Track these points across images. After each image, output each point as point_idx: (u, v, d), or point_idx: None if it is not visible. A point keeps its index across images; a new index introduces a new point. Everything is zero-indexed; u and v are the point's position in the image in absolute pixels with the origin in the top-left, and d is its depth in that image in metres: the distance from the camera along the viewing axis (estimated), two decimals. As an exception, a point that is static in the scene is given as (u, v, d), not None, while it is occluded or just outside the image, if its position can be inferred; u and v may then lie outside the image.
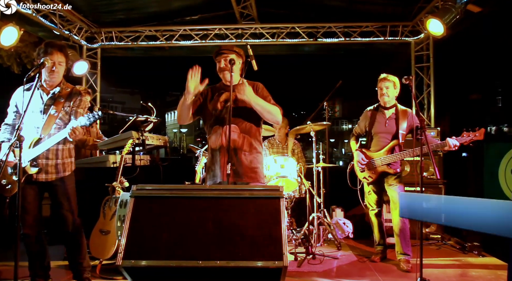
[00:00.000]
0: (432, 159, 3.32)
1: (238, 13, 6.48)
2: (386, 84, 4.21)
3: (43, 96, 3.26)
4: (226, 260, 2.06)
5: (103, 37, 7.13)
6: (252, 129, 3.17)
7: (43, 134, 3.17)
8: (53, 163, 3.25)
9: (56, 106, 3.22)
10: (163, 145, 4.77)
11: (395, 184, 4.17)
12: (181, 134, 48.07)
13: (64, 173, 3.31)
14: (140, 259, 2.08)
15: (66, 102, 3.26)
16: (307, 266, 4.15)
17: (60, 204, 3.29)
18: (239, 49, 3.24)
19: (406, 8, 6.36)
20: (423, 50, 6.76)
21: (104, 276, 3.74)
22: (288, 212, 5.16)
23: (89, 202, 3.62)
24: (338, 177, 6.54)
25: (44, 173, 3.21)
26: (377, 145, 4.26)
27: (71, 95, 3.30)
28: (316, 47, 7.51)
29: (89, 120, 3.00)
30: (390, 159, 4.12)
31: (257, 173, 3.14)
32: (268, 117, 3.12)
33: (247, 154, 3.10)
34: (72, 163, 3.41)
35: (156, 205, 2.26)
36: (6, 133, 3.32)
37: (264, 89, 3.23)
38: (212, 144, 3.15)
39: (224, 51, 3.16)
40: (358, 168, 4.37)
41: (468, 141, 3.73)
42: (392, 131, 4.20)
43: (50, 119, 3.19)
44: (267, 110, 3.07)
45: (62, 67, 3.27)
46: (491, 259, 4.43)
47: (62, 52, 3.21)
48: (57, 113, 3.21)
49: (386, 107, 4.27)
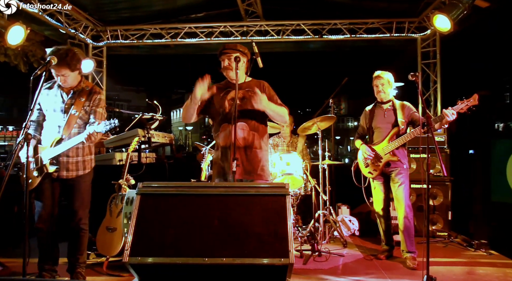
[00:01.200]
0: (438, 156, 3.29)
1: (243, 11, 6.47)
2: (381, 81, 4.26)
3: (63, 96, 3.33)
4: (232, 257, 2.06)
5: (108, 36, 7.15)
6: (260, 127, 3.21)
7: (64, 134, 3.24)
8: (73, 160, 3.33)
9: (76, 105, 3.28)
10: (168, 142, 4.79)
11: (400, 182, 4.15)
12: (187, 132, 48.18)
13: (84, 170, 3.39)
14: (146, 256, 2.08)
15: (86, 102, 3.32)
16: (313, 263, 4.14)
17: (74, 200, 3.37)
18: (243, 47, 3.24)
19: (412, 4, 6.31)
20: (430, 46, 6.71)
21: (111, 272, 3.76)
22: (294, 209, 5.15)
23: (96, 199, 3.64)
24: (343, 174, 6.53)
25: (65, 170, 3.30)
26: (379, 137, 4.28)
27: (91, 94, 3.36)
28: (322, 44, 7.47)
29: (105, 128, 3.03)
30: (392, 146, 4.13)
31: (265, 170, 3.18)
32: (277, 119, 3.21)
33: (258, 151, 3.14)
34: (92, 160, 3.49)
35: (162, 203, 2.27)
36: (30, 130, 3.37)
37: (270, 88, 3.25)
38: (221, 142, 3.16)
39: (227, 51, 3.16)
40: (362, 164, 4.38)
41: (464, 108, 3.66)
42: (391, 121, 4.23)
43: (71, 119, 3.26)
44: (278, 113, 3.14)
45: (68, 77, 3.25)
46: (499, 256, 4.40)
47: (60, 66, 3.16)
48: (78, 113, 3.28)
49: (383, 102, 4.33)
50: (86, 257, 3.57)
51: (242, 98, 3.14)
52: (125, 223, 3.72)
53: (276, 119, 3.23)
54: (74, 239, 3.44)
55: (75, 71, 3.29)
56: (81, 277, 3.42)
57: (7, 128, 36.75)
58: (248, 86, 3.20)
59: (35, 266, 3.37)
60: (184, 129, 49.20)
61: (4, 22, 4.84)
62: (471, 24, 6.03)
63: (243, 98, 3.14)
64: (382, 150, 4.20)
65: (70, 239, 3.46)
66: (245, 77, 3.26)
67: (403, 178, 4.16)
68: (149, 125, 4.44)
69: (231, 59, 3.10)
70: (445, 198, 5.25)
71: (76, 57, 3.25)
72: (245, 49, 3.24)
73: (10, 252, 4.21)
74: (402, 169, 4.17)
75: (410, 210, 4.18)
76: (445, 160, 5.30)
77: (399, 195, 4.16)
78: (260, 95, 3.00)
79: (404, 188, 4.16)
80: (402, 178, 4.16)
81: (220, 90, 3.26)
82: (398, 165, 4.17)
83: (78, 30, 6.65)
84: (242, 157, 3.07)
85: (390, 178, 4.23)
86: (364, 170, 4.39)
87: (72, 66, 3.23)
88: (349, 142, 50.01)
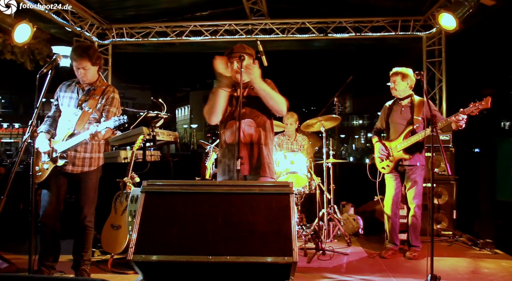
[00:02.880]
0: (443, 155, 3.29)
1: (248, 9, 6.46)
2: (394, 78, 4.31)
3: (79, 92, 3.42)
4: (236, 255, 2.07)
5: (114, 34, 7.17)
6: (267, 124, 3.21)
7: (76, 129, 3.29)
8: (81, 156, 3.38)
9: (90, 102, 3.35)
10: (173, 140, 4.80)
11: (412, 180, 4.18)
12: (192, 130, 48.26)
13: (90, 167, 3.43)
14: (151, 253, 2.10)
15: (100, 100, 3.39)
16: (317, 262, 4.15)
17: (80, 197, 3.42)
18: (250, 50, 3.24)
19: (417, 2, 6.27)
20: (435, 44, 6.67)
21: (116, 270, 3.79)
22: (298, 207, 5.16)
23: (101, 197, 3.67)
24: (348, 172, 6.53)
25: (71, 165, 3.34)
26: (395, 133, 4.32)
27: (104, 93, 3.42)
28: (327, 42, 7.44)
29: (114, 123, 3.07)
30: (405, 144, 4.14)
31: (271, 168, 3.19)
32: (271, 104, 3.09)
33: (264, 147, 3.15)
34: (100, 158, 3.53)
35: (167, 201, 2.28)
36: (45, 125, 3.49)
37: (273, 84, 3.23)
38: (228, 139, 3.16)
39: (235, 54, 3.15)
40: (378, 158, 4.41)
41: (475, 110, 3.64)
42: (407, 117, 4.25)
43: (84, 115, 3.32)
44: (271, 96, 3.06)
45: (89, 70, 3.35)
46: (504, 256, 4.38)
47: (82, 57, 3.29)
48: (91, 110, 3.34)
49: (401, 98, 4.35)
50: (91, 255, 3.61)
51: (248, 96, 3.15)
52: (129, 221, 3.74)
53: (270, 104, 3.10)
54: (79, 237, 3.48)
55: (95, 66, 3.39)
56: (86, 274, 3.45)
57: (13, 125, 36.96)
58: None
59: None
60: (189, 127, 49.28)
61: (11, 20, 4.87)
62: (477, 23, 5.98)
63: (248, 96, 3.15)
64: (396, 147, 4.22)
65: (76, 236, 3.50)
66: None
67: (416, 176, 4.18)
68: (154, 123, 4.44)
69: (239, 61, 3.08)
70: (450, 197, 5.24)
71: (97, 53, 3.40)
72: (252, 51, 3.25)
73: (16, 249, 4.24)
74: (416, 167, 4.18)
75: (419, 209, 4.22)
76: (450, 158, 5.28)
77: (410, 193, 4.23)
78: (255, 67, 3.00)
79: (416, 188, 4.19)
80: (415, 176, 4.18)
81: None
82: (412, 163, 4.19)
83: (84, 28, 6.68)
84: (249, 153, 3.09)
85: (405, 175, 4.26)
86: (379, 164, 4.43)
87: (93, 60, 3.34)
88: (354, 140, 49.89)
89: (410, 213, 4.27)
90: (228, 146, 3.17)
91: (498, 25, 7.56)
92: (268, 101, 3.09)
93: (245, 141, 3.08)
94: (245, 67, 3.01)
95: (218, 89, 3.10)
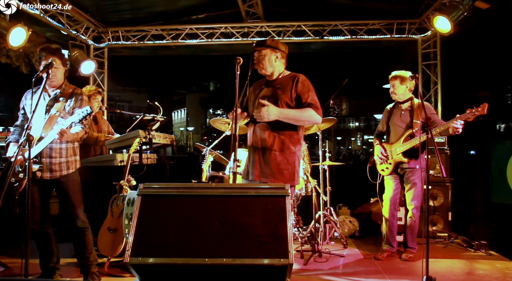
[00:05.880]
0: (438, 157, 3.31)
1: (244, 12, 6.48)
2: (392, 82, 4.34)
3: (46, 98, 3.37)
4: (232, 257, 2.08)
5: (109, 37, 7.17)
6: (286, 128, 3.03)
7: (44, 132, 3.24)
8: (56, 161, 3.34)
9: (57, 106, 3.31)
10: (170, 143, 4.79)
11: (411, 183, 4.20)
12: (188, 133, 48.21)
13: (68, 170, 3.40)
14: (147, 256, 2.10)
15: (67, 102, 3.35)
16: (313, 264, 4.15)
17: (66, 200, 3.42)
18: (275, 42, 3.13)
19: (412, 5, 6.31)
20: (430, 47, 6.71)
21: (112, 273, 3.78)
22: (295, 210, 5.16)
23: (97, 200, 3.66)
24: (344, 175, 6.54)
25: (48, 171, 3.31)
26: (395, 136, 4.35)
27: (72, 95, 3.39)
28: (323, 45, 7.48)
29: (79, 116, 3.06)
30: (404, 147, 4.17)
31: (284, 175, 3.00)
32: (304, 124, 3.09)
33: (277, 153, 3.01)
34: (76, 161, 3.51)
35: (163, 203, 2.29)
36: (15, 134, 3.46)
37: (304, 82, 3.07)
38: (248, 141, 3.16)
39: (256, 48, 3.10)
40: (378, 160, 4.44)
41: (471, 117, 3.66)
42: (406, 121, 4.28)
43: (51, 119, 3.27)
44: (297, 119, 2.98)
45: (59, 69, 3.33)
46: (499, 257, 4.40)
47: (54, 55, 3.27)
48: (58, 113, 3.29)
49: (401, 102, 4.38)
50: (96, 256, 3.60)
51: (270, 96, 3.04)
52: (126, 224, 3.74)
53: (304, 124, 3.06)
54: (78, 239, 3.48)
55: (64, 67, 3.39)
56: (97, 278, 3.47)
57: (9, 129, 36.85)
58: (280, 83, 3.11)
59: (36, 266, 3.42)
60: (185, 130, 49.22)
61: (6, 23, 4.86)
62: (472, 25, 6.03)
63: (271, 96, 3.04)
64: (395, 150, 4.25)
65: (75, 240, 3.51)
66: (279, 72, 3.16)
67: (416, 178, 4.21)
68: (150, 126, 4.44)
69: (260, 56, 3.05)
70: (446, 199, 5.26)
71: (64, 56, 3.40)
72: (277, 44, 3.12)
73: (12, 253, 4.23)
74: (415, 170, 4.20)
75: (418, 211, 4.26)
76: (445, 160, 5.31)
77: (409, 195, 4.27)
78: (264, 110, 2.87)
79: (415, 190, 4.22)
80: (414, 178, 4.22)
81: (256, 88, 3.25)
82: (411, 166, 4.21)
83: (80, 31, 6.68)
84: (259, 158, 3.02)
85: (404, 178, 4.29)
86: (379, 166, 4.47)
87: (62, 60, 3.34)
88: (350, 142, 49.94)
89: (408, 214, 4.31)
90: (248, 148, 3.16)
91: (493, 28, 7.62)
92: (300, 124, 3.05)
93: (257, 145, 3.02)
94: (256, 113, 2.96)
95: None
